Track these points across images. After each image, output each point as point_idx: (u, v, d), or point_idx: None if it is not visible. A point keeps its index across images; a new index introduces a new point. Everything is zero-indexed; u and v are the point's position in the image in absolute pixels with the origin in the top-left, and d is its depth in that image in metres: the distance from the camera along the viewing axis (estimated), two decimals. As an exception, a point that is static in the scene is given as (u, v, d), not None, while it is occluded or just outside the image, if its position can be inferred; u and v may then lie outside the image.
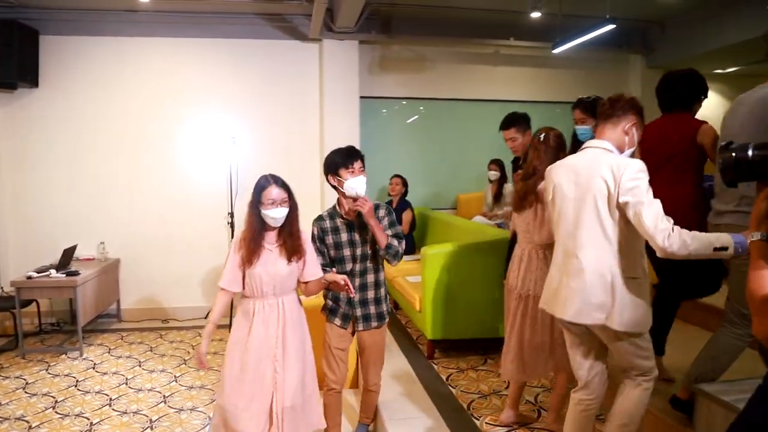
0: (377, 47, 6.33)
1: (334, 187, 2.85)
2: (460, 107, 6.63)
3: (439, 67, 6.54)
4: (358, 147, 5.92)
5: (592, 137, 2.87)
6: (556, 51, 5.70)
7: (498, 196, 5.96)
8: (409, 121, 6.63)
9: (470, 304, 4.11)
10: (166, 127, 5.79)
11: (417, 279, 4.51)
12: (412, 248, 5.70)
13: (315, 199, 5.96)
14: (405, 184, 5.91)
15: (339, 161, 2.79)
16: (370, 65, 6.33)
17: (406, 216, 5.75)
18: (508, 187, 5.91)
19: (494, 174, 5.97)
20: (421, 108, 6.60)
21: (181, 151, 5.84)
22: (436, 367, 4.02)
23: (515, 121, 3.56)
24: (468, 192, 6.71)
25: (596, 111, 3.06)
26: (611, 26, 4.84)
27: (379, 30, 6.05)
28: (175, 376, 4.34)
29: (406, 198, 5.91)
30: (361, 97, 6.01)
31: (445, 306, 4.08)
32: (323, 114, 5.89)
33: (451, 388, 3.66)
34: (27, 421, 3.58)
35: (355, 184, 2.77)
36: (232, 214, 5.69)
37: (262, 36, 5.85)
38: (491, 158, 6.05)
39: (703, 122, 2.93)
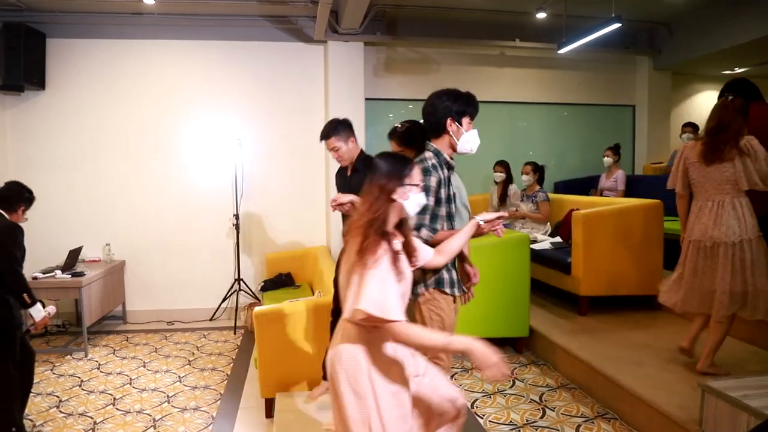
0: (382, 49, 6.33)
1: (441, 132, 2.46)
2: (465, 109, 6.61)
3: (444, 69, 6.53)
4: (363, 148, 5.97)
5: None
6: (561, 51, 5.69)
7: (503, 197, 5.93)
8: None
9: (473, 303, 4.07)
10: (172, 129, 5.81)
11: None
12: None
13: (320, 201, 5.97)
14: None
15: (469, 109, 2.45)
16: (375, 67, 6.33)
17: (412, 217, 5.73)
18: (513, 188, 5.89)
19: (499, 176, 5.94)
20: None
21: (187, 153, 5.85)
22: (440, 367, 4.00)
23: (334, 129, 3.23)
24: (473, 194, 6.67)
25: (411, 140, 2.91)
26: (617, 25, 4.82)
27: (384, 31, 6.05)
28: (179, 376, 4.33)
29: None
30: (366, 99, 6.01)
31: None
32: (328, 115, 5.88)
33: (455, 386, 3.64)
34: (31, 420, 3.58)
35: (473, 138, 2.44)
36: (237, 216, 5.70)
37: (266, 38, 5.87)
38: (497, 160, 6.03)
39: None
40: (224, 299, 5.76)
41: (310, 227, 5.99)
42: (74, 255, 5.06)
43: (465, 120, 2.44)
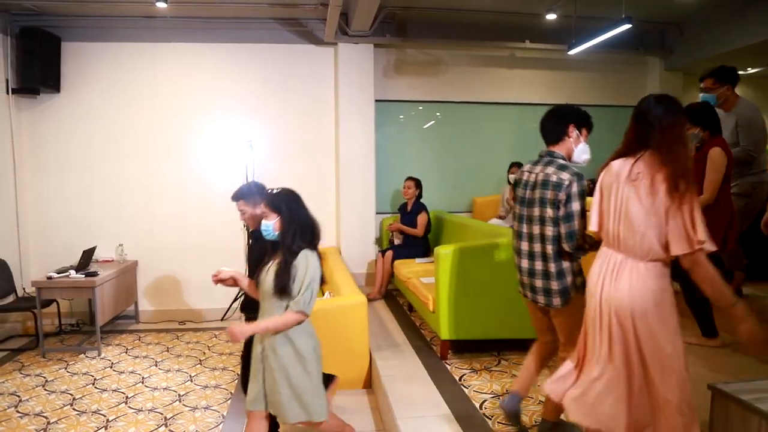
0: (392, 50, 6.35)
1: (561, 137, 2.60)
2: (475, 110, 6.61)
3: (453, 70, 6.54)
4: (373, 149, 6.00)
5: (271, 231, 2.76)
6: (571, 52, 5.67)
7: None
8: (425, 126, 6.62)
9: (484, 304, 4.08)
10: (183, 131, 5.88)
11: (431, 280, 4.50)
12: (427, 251, 5.69)
13: (330, 203, 6.00)
14: (419, 186, 5.90)
15: (588, 123, 2.63)
16: (385, 68, 6.35)
17: (422, 218, 5.74)
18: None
19: (514, 177, 5.94)
20: (438, 114, 6.59)
21: (199, 155, 5.91)
22: (449, 367, 4.00)
23: (244, 194, 3.34)
24: (484, 195, 6.67)
25: (279, 205, 2.71)
26: (627, 26, 4.80)
27: (394, 33, 6.07)
28: (190, 375, 4.38)
29: (421, 200, 5.90)
30: (376, 101, 6.03)
31: (459, 306, 4.06)
32: (338, 117, 5.92)
33: (464, 388, 3.64)
34: (45, 417, 3.64)
35: (586, 150, 2.61)
36: (248, 217, 5.73)
37: (277, 40, 5.92)
38: (507, 161, 6.04)
39: None
40: (235, 299, 5.80)
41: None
42: (88, 255, 5.13)
43: (584, 131, 2.60)
